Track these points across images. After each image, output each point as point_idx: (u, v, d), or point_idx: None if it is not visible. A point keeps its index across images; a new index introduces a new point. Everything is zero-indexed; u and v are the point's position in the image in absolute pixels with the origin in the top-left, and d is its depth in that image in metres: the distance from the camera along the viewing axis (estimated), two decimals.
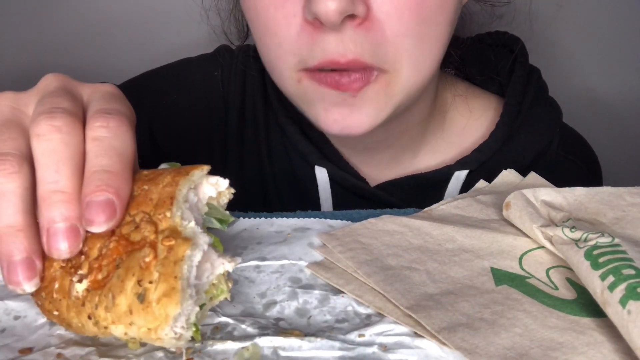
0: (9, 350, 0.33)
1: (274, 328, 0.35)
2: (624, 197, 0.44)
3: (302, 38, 0.46)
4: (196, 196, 0.34)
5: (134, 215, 0.31)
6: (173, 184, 0.32)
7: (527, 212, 0.41)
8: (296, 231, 0.44)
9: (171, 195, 0.31)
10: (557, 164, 0.62)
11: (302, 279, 0.39)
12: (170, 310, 0.29)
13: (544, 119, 0.61)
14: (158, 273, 0.29)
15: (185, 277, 0.29)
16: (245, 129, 0.63)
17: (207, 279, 0.32)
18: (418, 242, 0.41)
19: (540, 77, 0.63)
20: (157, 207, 0.31)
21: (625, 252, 0.35)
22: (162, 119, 0.62)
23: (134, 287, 0.29)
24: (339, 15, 0.42)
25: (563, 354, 0.32)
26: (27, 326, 0.35)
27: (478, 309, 0.35)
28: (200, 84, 0.63)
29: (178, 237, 0.30)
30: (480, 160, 0.58)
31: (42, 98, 0.34)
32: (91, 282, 0.30)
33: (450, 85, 0.62)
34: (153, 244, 0.30)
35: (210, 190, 0.35)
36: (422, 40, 0.46)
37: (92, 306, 0.30)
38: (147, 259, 0.29)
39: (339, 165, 0.60)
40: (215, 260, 0.33)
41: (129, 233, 0.31)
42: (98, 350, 0.33)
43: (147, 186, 0.32)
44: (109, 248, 0.30)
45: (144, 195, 0.32)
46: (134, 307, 0.29)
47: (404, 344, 0.33)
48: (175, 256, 0.29)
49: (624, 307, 0.31)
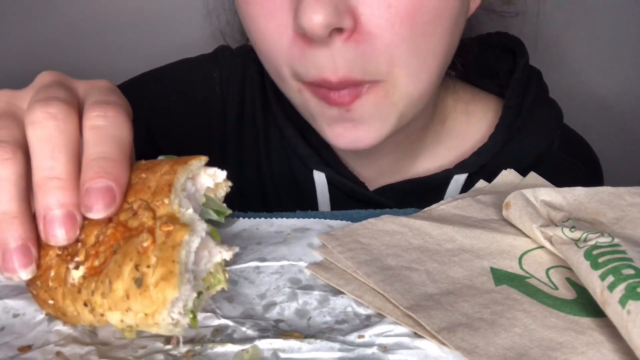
0: (8, 349, 0.33)
1: (273, 330, 0.35)
2: (624, 197, 0.44)
3: (294, 50, 0.45)
4: (194, 186, 0.34)
5: (132, 202, 0.31)
6: (171, 172, 0.32)
7: (526, 212, 0.41)
8: (296, 231, 0.44)
9: (169, 182, 0.32)
10: (558, 166, 0.62)
11: (302, 279, 0.39)
12: (168, 294, 0.28)
13: (545, 121, 0.61)
14: (156, 257, 0.29)
15: (183, 261, 0.29)
16: (244, 131, 0.63)
17: (205, 267, 0.32)
18: (418, 242, 0.41)
19: (541, 79, 0.63)
20: (155, 195, 0.31)
21: (625, 252, 0.35)
22: (160, 120, 0.62)
23: (132, 272, 0.29)
24: (325, 29, 0.41)
25: (563, 354, 0.32)
26: (26, 324, 0.35)
27: (478, 309, 0.35)
28: (199, 84, 0.63)
29: (176, 222, 0.30)
30: (479, 163, 0.58)
31: (38, 91, 0.34)
32: (88, 269, 0.30)
33: (452, 89, 0.62)
34: (151, 229, 0.30)
35: (207, 181, 0.35)
36: (418, 52, 0.46)
37: (88, 292, 0.30)
38: (145, 244, 0.29)
39: (338, 169, 0.59)
40: (213, 248, 0.33)
41: (126, 220, 0.31)
42: (98, 350, 0.33)
43: (145, 174, 0.32)
44: (106, 235, 0.30)
45: (141, 183, 0.32)
46: (131, 292, 0.29)
47: (404, 345, 0.33)
48: (173, 241, 0.29)
49: (623, 307, 0.31)
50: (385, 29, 0.43)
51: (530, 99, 0.60)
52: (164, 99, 0.62)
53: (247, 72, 0.63)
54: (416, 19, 0.44)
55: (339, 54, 0.44)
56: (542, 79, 0.63)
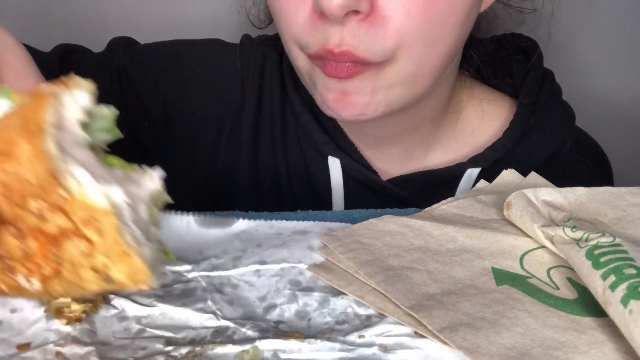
0: (7, 346, 0.33)
1: (274, 331, 0.35)
2: (625, 197, 0.44)
3: (308, 25, 0.47)
4: (66, 133, 0.29)
5: (24, 205, 0.27)
6: (40, 156, 0.27)
7: (528, 211, 0.41)
8: (295, 234, 0.44)
9: (49, 170, 0.27)
10: (570, 166, 0.62)
11: (302, 281, 0.39)
12: (143, 277, 0.28)
13: (557, 121, 0.61)
14: (105, 256, 0.27)
15: (134, 243, 0.28)
16: (261, 118, 0.63)
17: (146, 213, 0.30)
18: (419, 242, 0.41)
19: (554, 80, 0.63)
20: (45, 191, 0.27)
21: (627, 251, 0.35)
22: (180, 87, 0.62)
23: (95, 275, 0.28)
24: (342, 10, 0.43)
25: (564, 354, 0.32)
26: (24, 319, 0.35)
27: (479, 309, 0.35)
28: (225, 67, 0.64)
29: (94, 212, 0.27)
30: (492, 158, 0.58)
31: None
32: (41, 277, 0.28)
33: (468, 87, 0.62)
34: (78, 232, 0.27)
35: (73, 110, 0.29)
36: (426, 39, 0.47)
37: (61, 291, 0.29)
38: (84, 250, 0.27)
39: (353, 156, 0.60)
40: (141, 190, 0.30)
41: (39, 227, 0.27)
42: (97, 350, 0.33)
43: (10, 166, 0.27)
44: (32, 248, 0.28)
45: (16, 179, 0.27)
46: (107, 286, 0.28)
47: (404, 345, 0.33)
48: (110, 234, 0.27)
49: (625, 307, 0.31)
50: (401, 14, 0.45)
51: (544, 99, 0.60)
52: (189, 69, 0.63)
53: (267, 61, 0.64)
54: (432, 7, 0.45)
55: (348, 31, 0.45)
56: (555, 80, 0.63)
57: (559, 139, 0.61)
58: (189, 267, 0.40)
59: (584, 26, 0.85)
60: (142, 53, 0.64)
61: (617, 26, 0.87)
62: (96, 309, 0.36)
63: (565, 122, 0.62)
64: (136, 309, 0.36)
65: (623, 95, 0.92)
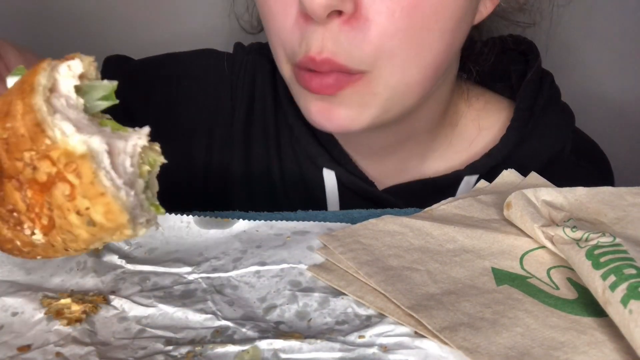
0: (7, 348, 0.33)
1: (274, 331, 0.35)
2: (625, 197, 0.44)
3: (295, 30, 0.46)
4: (61, 96, 0.31)
5: (22, 158, 0.30)
6: (29, 110, 0.30)
7: (528, 212, 0.41)
8: (295, 234, 0.44)
9: (35, 122, 0.29)
10: (570, 169, 0.61)
11: (302, 282, 0.39)
12: (121, 220, 0.29)
13: (557, 124, 0.60)
14: (84, 198, 0.29)
15: (109, 184, 0.29)
16: (253, 128, 0.63)
17: (133, 166, 0.32)
18: (419, 242, 0.41)
19: (553, 82, 0.62)
20: (35, 141, 0.29)
21: (627, 251, 0.35)
22: (169, 106, 0.63)
23: (79, 218, 0.29)
24: (324, 10, 0.42)
25: (564, 354, 0.32)
26: (25, 322, 0.35)
27: (479, 309, 0.35)
28: (214, 77, 0.64)
29: (74, 157, 0.29)
30: (489, 165, 0.58)
31: None
32: (42, 229, 0.30)
33: (465, 95, 0.62)
34: (61, 176, 0.29)
35: (68, 76, 0.32)
36: (411, 45, 0.46)
37: (61, 242, 0.31)
38: (67, 192, 0.29)
39: (348, 168, 0.59)
40: (127, 142, 0.32)
41: (33, 176, 0.30)
42: (97, 350, 0.33)
43: (10, 123, 0.30)
44: (29, 197, 0.30)
45: (14, 135, 0.30)
46: (91, 231, 0.30)
47: (404, 345, 0.33)
48: (87, 176, 0.29)
49: (625, 307, 0.31)
50: (384, 16, 0.44)
51: (542, 102, 0.60)
52: (178, 83, 0.63)
53: (258, 69, 0.63)
54: (417, 10, 0.44)
55: (330, 35, 0.45)
56: (554, 82, 0.62)
57: (557, 143, 0.60)
58: (189, 269, 0.40)
59: (585, 27, 0.85)
60: (135, 70, 0.64)
61: (617, 27, 0.87)
62: (96, 309, 0.36)
63: (563, 125, 0.61)
64: (136, 309, 0.36)
65: (623, 96, 0.92)
